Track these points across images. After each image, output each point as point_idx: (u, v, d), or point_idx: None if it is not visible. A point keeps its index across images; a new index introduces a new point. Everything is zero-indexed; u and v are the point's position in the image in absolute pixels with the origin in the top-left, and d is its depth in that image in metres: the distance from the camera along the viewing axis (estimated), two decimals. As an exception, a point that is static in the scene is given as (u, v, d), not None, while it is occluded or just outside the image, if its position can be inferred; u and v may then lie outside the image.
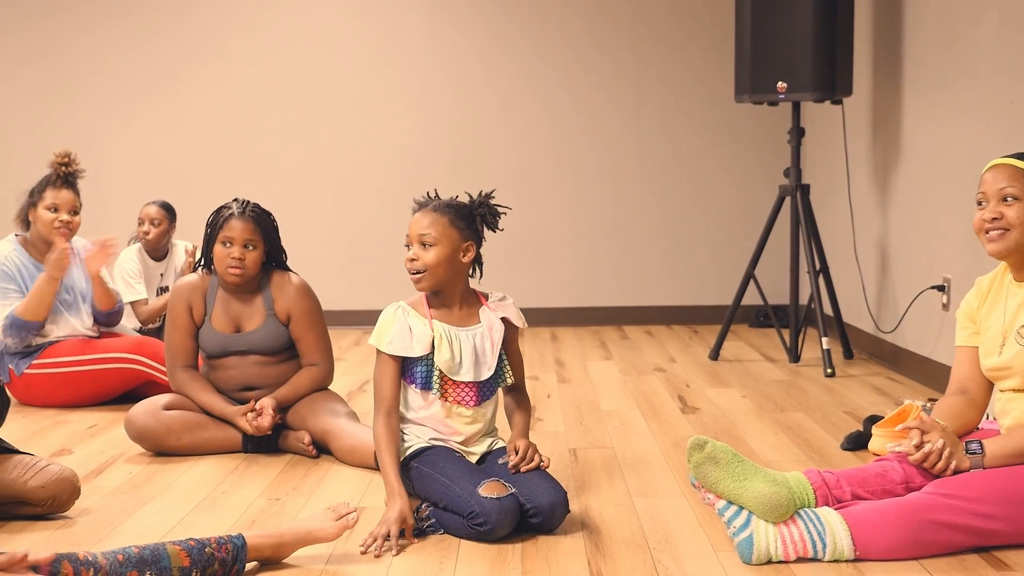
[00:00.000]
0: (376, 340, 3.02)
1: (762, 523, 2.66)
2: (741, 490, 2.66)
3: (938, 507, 2.66)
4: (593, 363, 5.55)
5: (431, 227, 2.97)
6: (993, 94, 4.22)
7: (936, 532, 2.66)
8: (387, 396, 3.01)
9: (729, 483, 2.67)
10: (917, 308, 4.97)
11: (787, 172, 5.51)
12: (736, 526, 2.67)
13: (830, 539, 2.64)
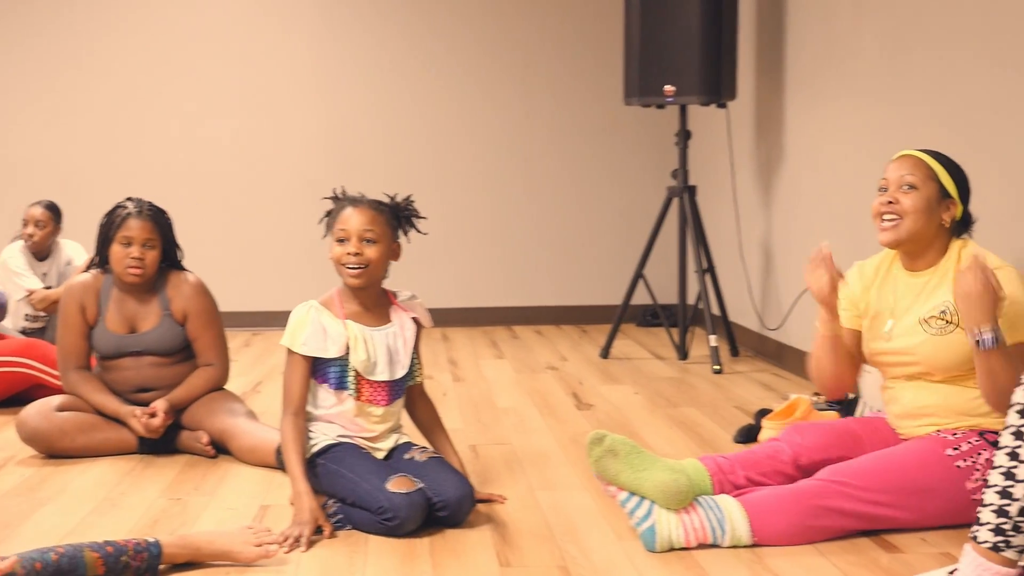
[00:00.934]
0: (289, 340, 3.02)
1: (664, 512, 2.73)
2: (641, 480, 2.73)
3: (830, 494, 2.77)
4: (486, 362, 5.60)
5: (373, 224, 3.01)
6: (870, 98, 4.37)
7: (829, 517, 2.76)
8: (296, 396, 3.02)
9: (629, 474, 2.74)
10: (801, 306, 5.12)
11: (674, 174, 5.63)
12: (638, 516, 2.74)
13: (729, 526, 2.73)
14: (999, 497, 2.09)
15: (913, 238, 2.96)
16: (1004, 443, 2.09)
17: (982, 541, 2.11)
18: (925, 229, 2.95)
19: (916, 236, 2.95)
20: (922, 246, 2.99)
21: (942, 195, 2.95)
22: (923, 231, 2.95)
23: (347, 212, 3.02)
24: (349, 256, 3.00)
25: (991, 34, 3.51)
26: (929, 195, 2.93)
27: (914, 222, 2.93)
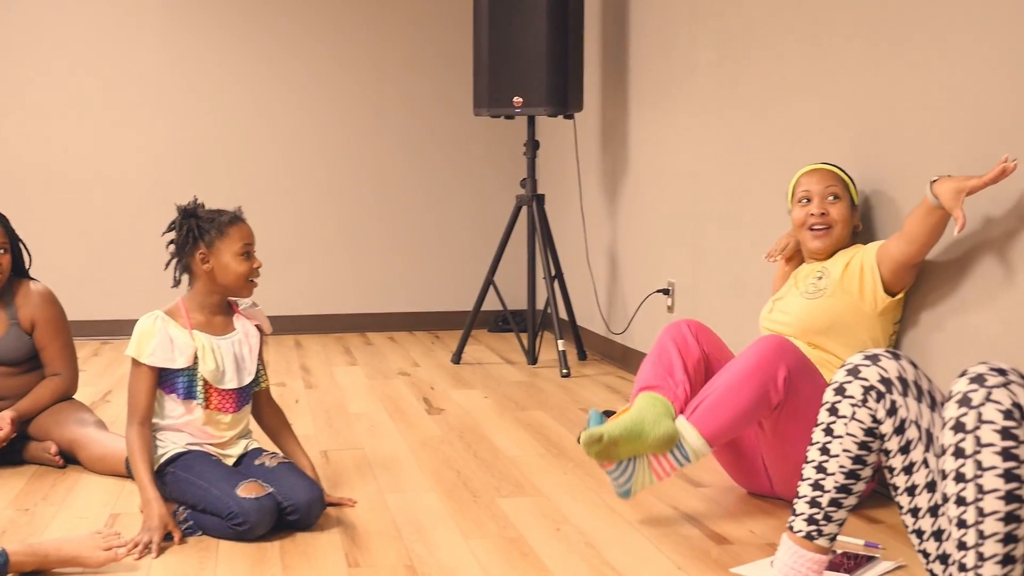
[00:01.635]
0: (135, 351, 3.04)
1: (639, 469, 2.93)
2: (640, 447, 2.91)
3: None
4: (339, 368, 5.65)
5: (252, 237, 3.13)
6: (706, 111, 4.57)
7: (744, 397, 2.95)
8: (142, 406, 3.04)
9: (628, 451, 2.91)
10: (644, 310, 5.30)
11: (523, 183, 5.77)
12: (620, 482, 2.94)
13: (690, 450, 2.93)
14: (812, 488, 2.24)
15: (839, 245, 3.32)
16: (816, 438, 2.25)
17: (797, 530, 2.27)
18: (845, 235, 3.32)
19: (840, 242, 3.32)
20: (841, 246, 3.34)
21: (852, 204, 3.33)
22: (844, 237, 3.32)
23: (246, 227, 3.11)
24: (257, 269, 3.11)
25: (815, 51, 3.72)
26: (848, 203, 3.31)
27: (842, 229, 3.31)
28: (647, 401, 3.00)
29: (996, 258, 2.90)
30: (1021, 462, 1.81)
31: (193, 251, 3.07)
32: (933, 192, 2.90)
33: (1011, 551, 1.81)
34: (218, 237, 3.07)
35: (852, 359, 2.25)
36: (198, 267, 3.09)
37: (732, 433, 2.95)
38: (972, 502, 1.82)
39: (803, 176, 3.38)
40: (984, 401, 1.83)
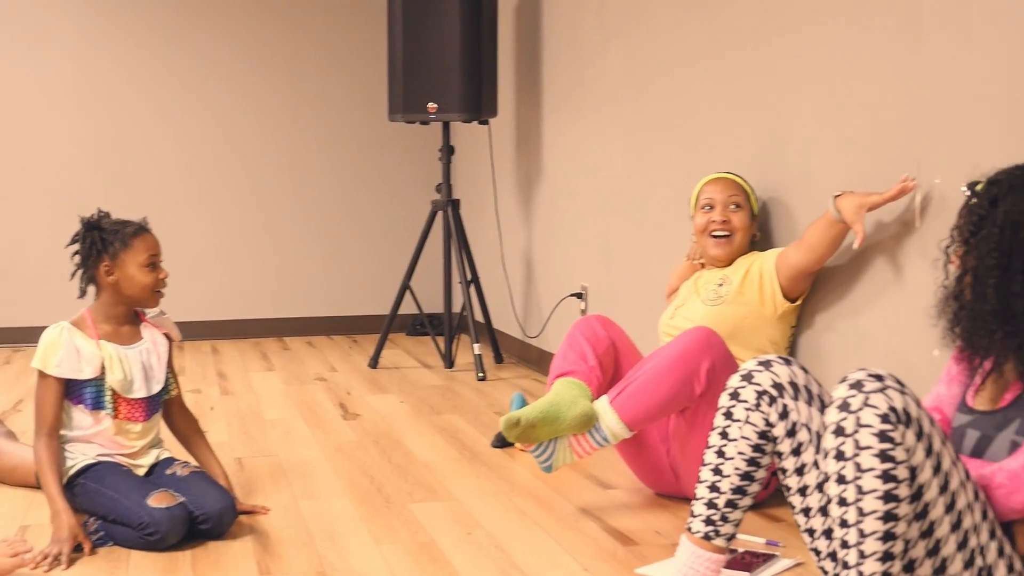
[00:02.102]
0: (41, 363, 3.04)
1: (559, 448, 3.06)
2: (559, 427, 3.03)
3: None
4: (255, 374, 5.66)
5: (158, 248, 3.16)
6: (617, 117, 4.66)
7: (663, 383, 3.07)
8: (50, 418, 3.04)
9: (549, 429, 3.02)
10: (559, 314, 5.38)
11: (439, 188, 5.81)
12: (543, 459, 3.08)
13: (609, 432, 3.05)
14: (709, 491, 2.32)
15: (738, 252, 3.45)
16: (712, 442, 2.33)
17: (695, 531, 2.34)
18: (745, 244, 3.46)
19: (740, 250, 3.45)
20: (740, 253, 3.46)
21: (752, 214, 3.46)
22: (745, 246, 3.46)
23: (152, 237, 3.13)
24: (165, 280, 3.15)
25: (719, 61, 3.81)
26: (749, 213, 3.45)
27: (742, 237, 3.44)
28: (563, 385, 3.14)
29: (886, 264, 3.01)
30: (897, 464, 1.89)
31: (97, 263, 3.08)
32: (836, 206, 3.03)
33: (890, 548, 1.89)
34: (122, 249, 3.07)
35: (746, 365, 2.33)
36: (103, 279, 3.09)
37: (653, 419, 3.07)
38: (853, 502, 1.91)
39: (707, 184, 3.49)
40: (862, 406, 1.92)
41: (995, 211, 2.10)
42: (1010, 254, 2.07)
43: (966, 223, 2.16)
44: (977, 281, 2.12)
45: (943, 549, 1.96)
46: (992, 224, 2.10)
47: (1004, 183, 2.12)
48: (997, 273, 2.08)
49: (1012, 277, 2.07)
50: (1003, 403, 2.15)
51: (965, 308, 2.16)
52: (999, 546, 1.99)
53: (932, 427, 1.95)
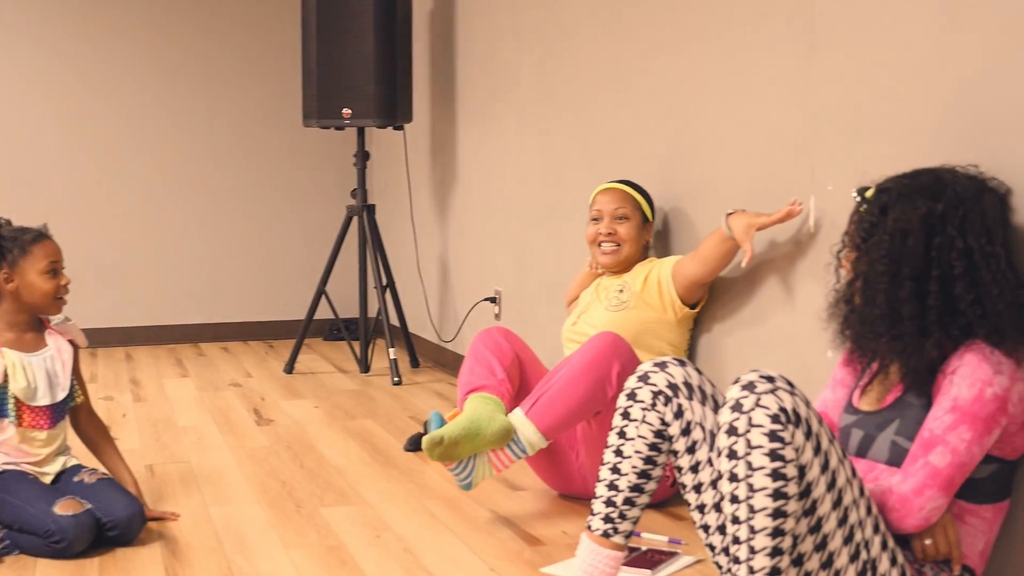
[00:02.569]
0: (-58, 371, 3.02)
1: (478, 464, 3.08)
2: (479, 444, 3.05)
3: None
4: (169, 381, 5.63)
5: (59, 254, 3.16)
6: (531, 125, 4.71)
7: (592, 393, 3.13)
8: (-50, 428, 3.02)
9: (470, 446, 3.04)
10: (473, 318, 5.42)
11: (354, 193, 5.82)
12: (462, 477, 3.10)
13: (527, 442, 3.09)
14: (607, 489, 2.38)
15: (629, 261, 3.53)
16: (611, 441, 2.39)
17: (595, 529, 2.40)
18: (636, 252, 3.53)
19: (631, 259, 3.53)
20: (629, 265, 3.54)
21: (644, 221, 3.53)
22: (635, 254, 3.53)
23: (54, 244, 3.13)
24: (63, 288, 3.13)
25: (627, 71, 3.88)
26: (637, 223, 3.52)
27: (631, 247, 3.52)
28: (478, 401, 3.16)
29: (783, 267, 3.10)
30: (787, 462, 1.96)
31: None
32: (728, 224, 3.13)
33: (779, 544, 1.96)
34: (21, 256, 3.06)
35: (642, 367, 2.39)
36: (3, 286, 3.07)
37: (568, 426, 3.13)
38: (744, 500, 1.97)
39: (598, 194, 3.60)
40: (754, 406, 1.98)
41: (885, 219, 2.18)
42: (899, 261, 2.15)
43: (858, 229, 2.24)
44: (867, 286, 2.19)
45: (830, 543, 2.03)
46: (883, 231, 2.18)
47: (893, 191, 2.20)
48: (887, 279, 2.15)
49: (900, 283, 2.15)
50: (884, 404, 2.24)
51: (855, 312, 2.24)
52: (883, 540, 2.07)
53: (820, 426, 2.02)
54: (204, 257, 7.00)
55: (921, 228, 2.14)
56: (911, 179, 2.22)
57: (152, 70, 6.83)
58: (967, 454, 2.07)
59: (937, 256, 2.13)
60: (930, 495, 2.07)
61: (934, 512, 2.09)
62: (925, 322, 2.13)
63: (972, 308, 2.11)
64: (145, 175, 6.87)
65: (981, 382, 2.07)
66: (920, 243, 2.14)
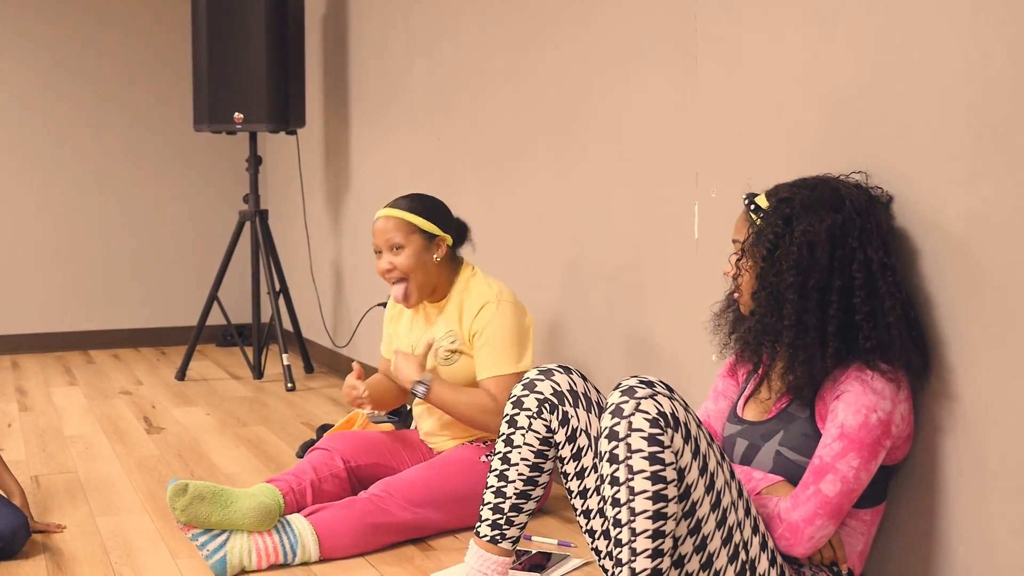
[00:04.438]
0: None
1: (237, 541, 2.83)
2: (231, 514, 2.81)
3: (385, 507, 3.02)
4: (57, 389, 5.53)
5: None
6: (423, 129, 4.73)
7: (385, 530, 3.02)
8: None
9: (220, 513, 2.80)
10: (367, 323, 5.42)
11: (247, 198, 5.78)
12: (211, 549, 2.81)
13: (300, 548, 2.89)
14: (495, 496, 2.41)
15: (424, 290, 3.27)
16: (498, 448, 2.42)
17: (482, 535, 2.43)
18: (427, 276, 3.25)
19: (425, 286, 3.26)
20: (431, 287, 3.30)
21: (428, 239, 3.24)
22: (428, 280, 3.26)
23: None
24: None
25: (518, 78, 3.92)
26: (417, 247, 3.22)
27: (420, 276, 3.23)
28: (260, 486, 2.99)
29: (664, 274, 3.16)
30: (667, 465, 2.00)
31: None
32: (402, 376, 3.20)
33: (659, 545, 2.00)
34: None
35: (528, 374, 2.42)
36: None
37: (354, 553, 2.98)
38: (625, 503, 2.01)
39: (374, 224, 3.29)
40: (634, 411, 2.03)
41: (790, 230, 2.18)
42: (806, 272, 2.16)
43: (759, 239, 2.22)
44: (773, 296, 2.19)
45: (709, 544, 2.09)
46: (789, 243, 2.17)
47: (796, 202, 2.20)
48: (794, 290, 2.16)
49: (807, 295, 2.16)
50: (770, 414, 2.30)
51: (755, 319, 2.24)
52: (763, 540, 2.13)
53: (699, 429, 2.07)
54: (94, 262, 6.88)
55: (827, 240, 2.16)
56: (810, 189, 2.21)
57: (38, 69, 6.70)
58: (855, 480, 2.12)
59: (839, 267, 2.16)
60: (820, 524, 2.13)
61: (823, 539, 2.14)
62: (825, 333, 2.16)
63: (867, 320, 2.15)
64: (33, 179, 6.74)
65: (866, 408, 2.12)
66: (825, 254, 2.15)
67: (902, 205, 2.27)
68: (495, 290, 3.24)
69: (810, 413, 2.22)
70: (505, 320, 3.20)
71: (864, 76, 2.38)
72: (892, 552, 2.36)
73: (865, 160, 2.37)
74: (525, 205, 3.89)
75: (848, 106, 2.42)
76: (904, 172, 2.26)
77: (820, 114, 2.51)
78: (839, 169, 2.38)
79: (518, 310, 3.24)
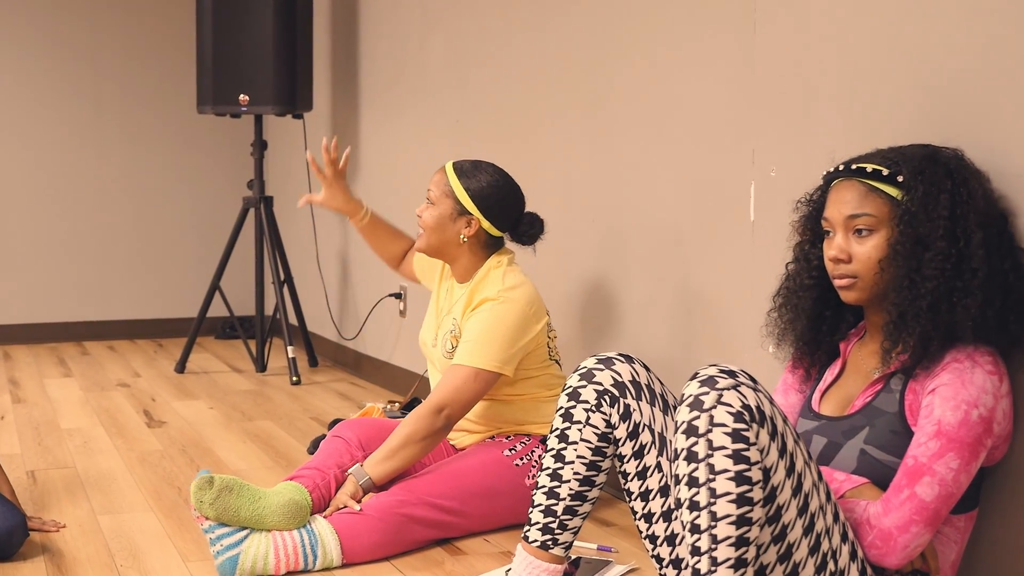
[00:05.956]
0: None
1: (256, 542, 2.61)
2: (261, 509, 2.61)
3: (409, 506, 2.80)
4: (51, 381, 5.29)
5: None
6: (439, 111, 4.51)
7: (410, 530, 2.80)
8: None
9: (249, 507, 2.60)
10: (376, 316, 5.19)
11: (251, 184, 5.56)
12: (225, 544, 2.59)
13: (321, 550, 2.67)
14: (546, 497, 2.19)
15: (434, 250, 3.08)
16: (550, 445, 2.20)
17: (532, 540, 2.20)
18: (441, 243, 3.06)
19: (436, 248, 3.07)
20: (450, 259, 3.10)
21: (460, 212, 3.03)
22: (440, 245, 3.06)
23: None
24: None
25: (547, 51, 3.70)
26: (443, 211, 3.03)
27: (428, 236, 3.06)
28: (286, 484, 2.78)
29: (715, 268, 2.94)
30: (752, 465, 1.79)
31: None
32: None
33: (743, 554, 1.79)
34: None
35: (585, 363, 2.20)
36: None
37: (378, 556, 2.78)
38: (705, 506, 1.79)
39: None
40: (715, 404, 1.80)
41: (934, 199, 1.95)
42: (949, 244, 1.95)
43: (907, 212, 1.97)
44: (909, 275, 1.95)
45: (795, 553, 1.87)
46: (933, 214, 1.95)
47: (926, 170, 1.97)
48: (937, 265, 1.94)
49: (946, 273, 1.94)
50: (852, 409, 2.08)
51: (890, 302, 1.99)
52: (851, 549, 1.91)
53: (785, 425, 1.85)
54: (90, 250, 6.64)
55: (950, 212, 1.94)
56: (928, 160, 1.99)
57: (34, 49, 6.45)
58: (954, 484, 1.90)
59: (962, 236, 1.94)
60: (916, 531, 1.90)
61: (918, 548, 1.92)
62: (952, 313, 1.94)
63: (974, 301, 1.93)
64: (27, 164, 6.49)
65: (966, 404, 1.90)
66: (955, 228, 1.94)
67: (997, 184, 2.06)
68: (505, 287, 2.97)
69: (899, 408, 2.01)
70: (499, 317, 2.93)
71: (956, 43, 2.16)
72: (983, 562, 2.14)
73: (957, 136, 2.16)
74: (554, 192, 3.67)
75: (938, 76, 2.21)
76: (1003, 148, 2.05)
77: (904, 85, 2.29)
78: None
79: (523, 314, 2.95)
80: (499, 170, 3.08)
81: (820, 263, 2.16)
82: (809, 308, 2.18)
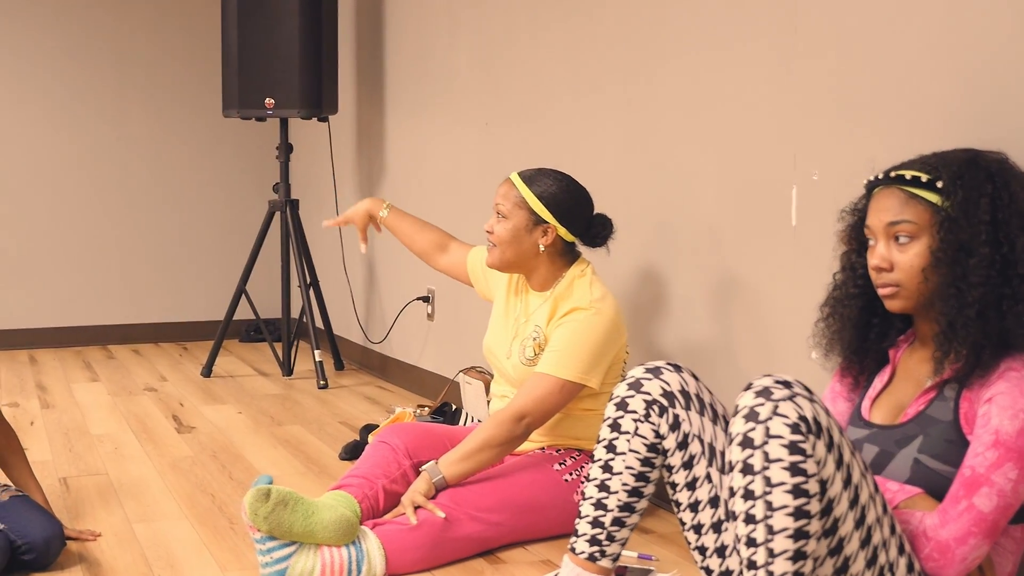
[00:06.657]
0: None
1: (303, 557, 2.57)
2: (313, 525, 2.57)
3: (455, 521, 2.77)
4: (79, 386, 5.28)
5: None
6: (468, 113, 4.48)
7: (455, 544, 2.77)
8: None
9: (303, 523, 2.56)
10: (404, 319, 5.17)
11: (276, 187, 5.54)
12: (275, 557, 2.56)
13: (367, 564, 2.64)
14: (594, 508, 2.16)
15: (510, 264, 3.03)
16: (598, 456, 2.17)
17: (579, 552, 2.18)
18: (519, 256, 3.02)
19: (512, 262, 3.03)
20: (527, 270, 3.06)
21: (535, 222, 2.99)
22: (517, 258, 3.02)
23: None
24: None
25: (577, 57, 3.67)
26: (517, 223, 2.98)
27: (504, 251, 3.01)
28: (329, 496, 2.76)
29: (755, 273, 2.91)
30: (809, 477, 1.76)
31: None
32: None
33: (800, 568, 1.76)
34: None
35: (633, 372, 2.17)
36: None
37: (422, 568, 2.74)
38: (761, 520, 1.76)
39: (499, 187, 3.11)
40: (771, 415, 1.77)
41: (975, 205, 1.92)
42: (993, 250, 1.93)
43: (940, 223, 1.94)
44: (955, 282, 1.93)
45: (852, 567, 1.84)
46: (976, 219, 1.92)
47: (967, 175, 1.94)
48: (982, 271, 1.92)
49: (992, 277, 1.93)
50: (905, 417, 2.04)
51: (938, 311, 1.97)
52: (908, 562, 1.88)
53: (842, 436, 1.82)
54: (114, 254, 6.63)
55: (991, 216, 1.92)
56: (970, 164, 1.96)
57: (59, 52, 6.44)
58: (1014, 495, 1.86)
59: (1005, 241, 1.92)
60: (974, 543, 1.87)
61: (976, 561, 1.88)
62: (1001, 319, 1.92)
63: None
64: (52, 167, 6.49)
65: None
66: (998, 232, 1.92)
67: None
68: (594, 297, 2.94)
69: (954, 417, 1.97)
70: (591, 327, 2.90)
71: (1001, 44, 2.12)
72: (1039, 574, 2.11)
73: (1001, 139, 2.12)
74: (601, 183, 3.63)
75: (982, 78, 2.17)
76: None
77: (952, 89, 2.26)
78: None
79: (612, 327, 2.93)
80: (563, 174, 3.05)
81: (865, 272, 2.13)
82: (855, 317, 2.15)
